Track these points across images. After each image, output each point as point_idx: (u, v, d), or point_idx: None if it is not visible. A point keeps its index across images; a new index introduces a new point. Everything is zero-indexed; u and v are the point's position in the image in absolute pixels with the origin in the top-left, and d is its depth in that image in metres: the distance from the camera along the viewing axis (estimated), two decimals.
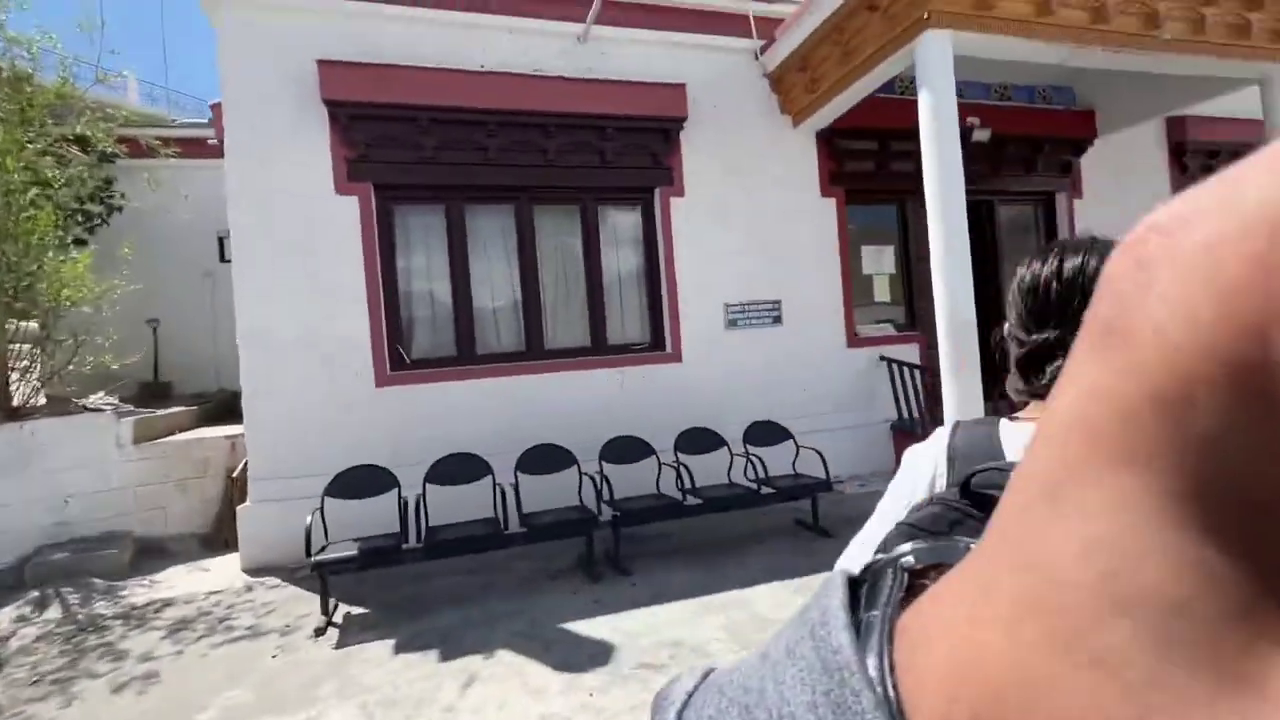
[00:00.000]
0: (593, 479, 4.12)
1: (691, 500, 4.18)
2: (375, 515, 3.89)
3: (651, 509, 3.97)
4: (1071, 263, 0.77)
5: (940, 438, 0.86)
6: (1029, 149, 6.79)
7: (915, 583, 0.22)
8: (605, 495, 4.07)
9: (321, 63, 4.52)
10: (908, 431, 5.74)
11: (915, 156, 6.49)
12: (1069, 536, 0.13)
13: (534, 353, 5.28)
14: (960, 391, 4.27)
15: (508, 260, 5.35)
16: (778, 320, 5.85)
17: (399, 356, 4.93)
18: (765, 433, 4.88)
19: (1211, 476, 0.12)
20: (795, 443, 4.85)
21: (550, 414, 5.08)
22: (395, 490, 3.88)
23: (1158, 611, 0.12)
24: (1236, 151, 7.00)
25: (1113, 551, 0.13)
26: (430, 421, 4.76)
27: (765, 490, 4.34)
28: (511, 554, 4.13)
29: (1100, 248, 0.78)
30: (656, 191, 5.56)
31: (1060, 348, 0.75)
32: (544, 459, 4.33)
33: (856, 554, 0.87)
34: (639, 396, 5.36)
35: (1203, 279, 0.12)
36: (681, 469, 4.33)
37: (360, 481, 3.88)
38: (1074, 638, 0.13)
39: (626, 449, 4.51)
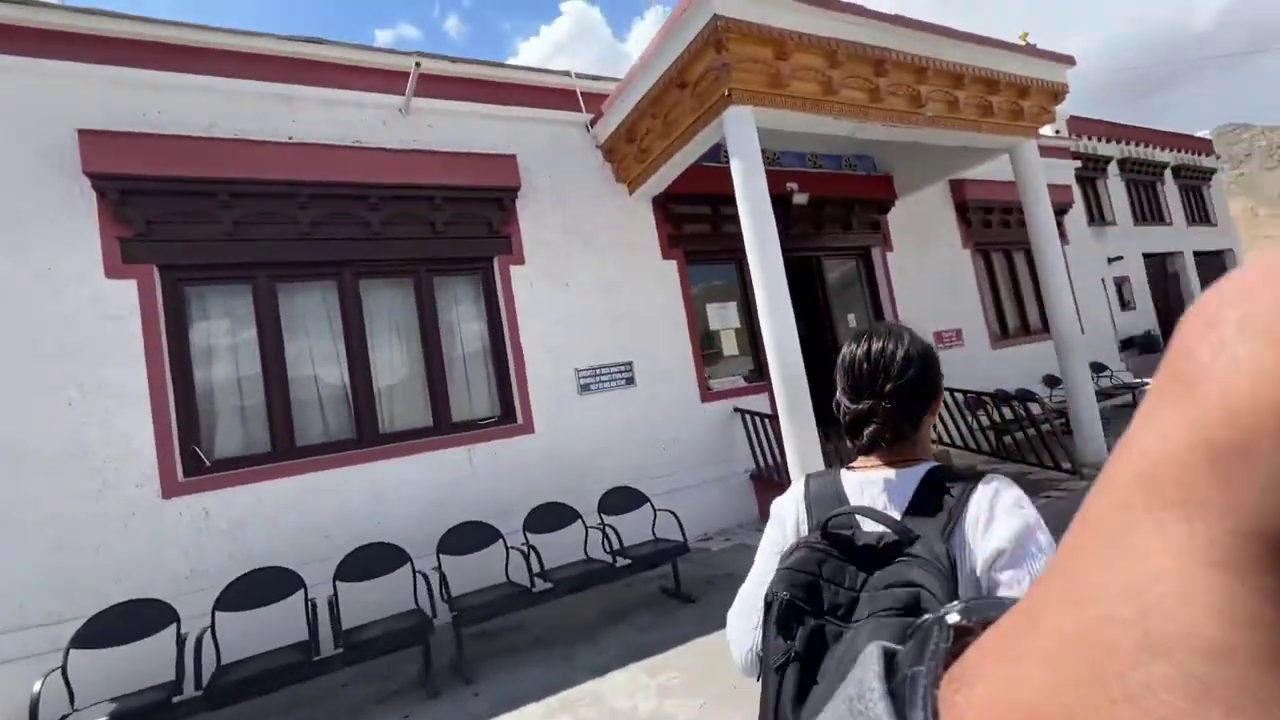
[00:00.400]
0: (425, 577, 3.69)
1: (542, 585, 3.86)
2: (150, 660, 3.17)
3: (497, 602, 3.61)
4: (876, 346, 0.92)
5: (797, 489, 0.98)
6: (843, 209, 7.55)
7: (963, 639, 0.23)
8: (445, 593, 3.64)
9: (83, 133, 3.98)
10: (767, 479, 5.86)
11: None
12: (1116, 577, 0.14)
13: (366, 439, 4.79)
14: (798, 437, 4.41)
15: (332, 340, 4.89)
16: (630, 381, 5.82)
17: (197, 459, 4.24)
18: (622, 499, 4.73)
19: (1265, 528, 0.12)
20: (652, 506, 4.72)
21: (387, 506, 4.59)
22: (174, 626, 3.21)
23: (1195, 654, 0.12)
24: (1006, 208, 8.17)
25: (1156, 593, 0.13)
26: (235, 533, 4.08)
27: (622, 562, 4.13)
28: (338, 679, 3.55)
29: (897, 333, 0.93)
30: (495, 260, 5.43)
31: (873, 415, 0.89)
32: (372, 561, 3.84)
33: (741, 605, 0.93)
34: (490, 474, 5.02)
35: (1269, 343, 0.13)
36: (532, 551, 4.01)
37: (127, 622, 3.16)
38: (1111, 674, 0.13)
39: (469, 536, 4.13)
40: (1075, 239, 10.43)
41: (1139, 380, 9.85)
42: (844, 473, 0.96)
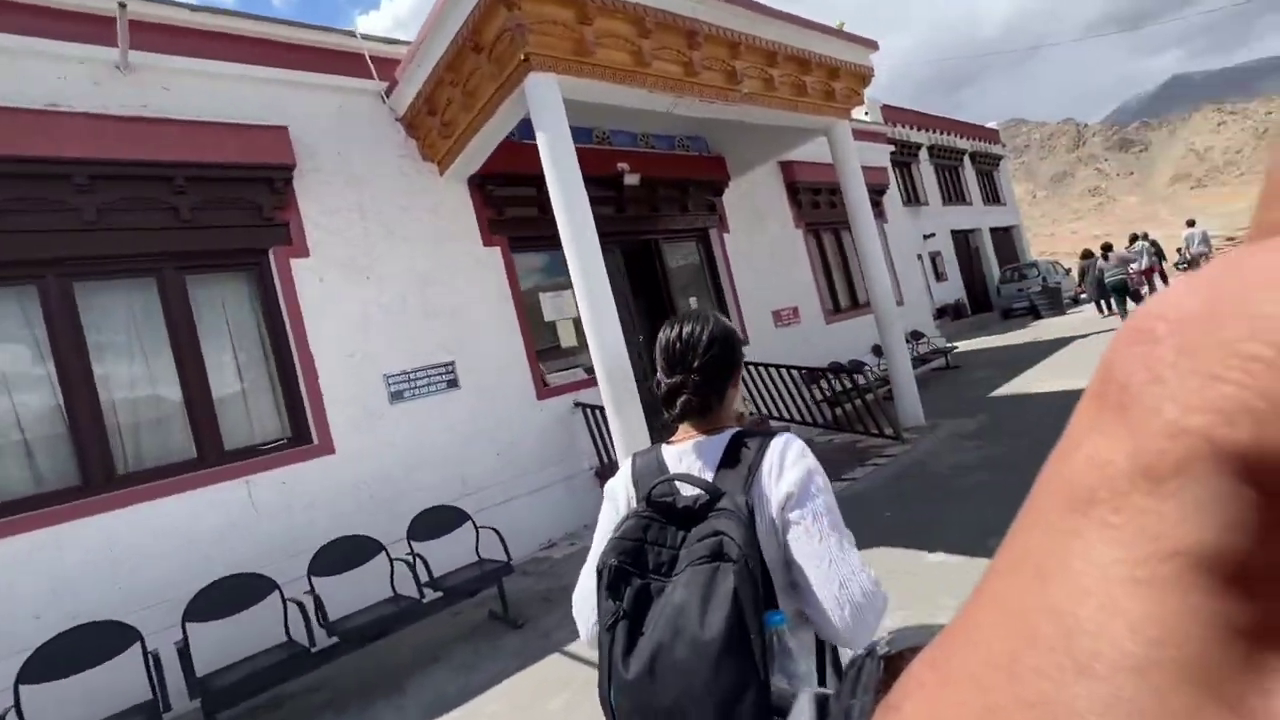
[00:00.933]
0: (155, 657, 2.90)
1: (327, 640, 3.23)
2: None
3: (259, 674, 2.93)
4: (686, 329, 1.04)
5: (625, 467, 1.09)
6: (679, 191, 7.42)
7: (896, 667, 0.24)
8: (187, 670, 2.89)
9: None
10: (613, 473, 5.57)
11: None
12: (1044, 598, 0.14)
13: (96, 483, 3.78)
14: (624, 426, 4.12)
15: (36, 360, 3.80)
16: (453, 384, 5.23)
17: None
18: (440, 520, 4.17)
19: (1191, 547, 0.13)
20: (474, 524, 4.22)
21: (129, 569, 3.66)
22: None
23: (1119, 672, 0.13)
24: (833, 189, 8.43)
25: (1082, 613, 0.13)
26: None
27: (432, 595, 3.60)
28: None
29: (704, 317, 1.06)
30: (271, 253, 4.55)
31: (684, 388, 1.01)
32: (90, 643, 2.97)
33: (581, 587, 1.01)
34: (277, 511, 4.21)
35: (1206, 371, 0.13)
36: (314, 600, 3.34)
37: None
38: (1038, 695, 0.13)
39: (235, 594, 3.37)
40: (893, 218, 11.30)
41: (950, 345, 10.92)
42: (664, 447, 1.05)
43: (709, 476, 0.96)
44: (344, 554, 3.77)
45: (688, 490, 0.93)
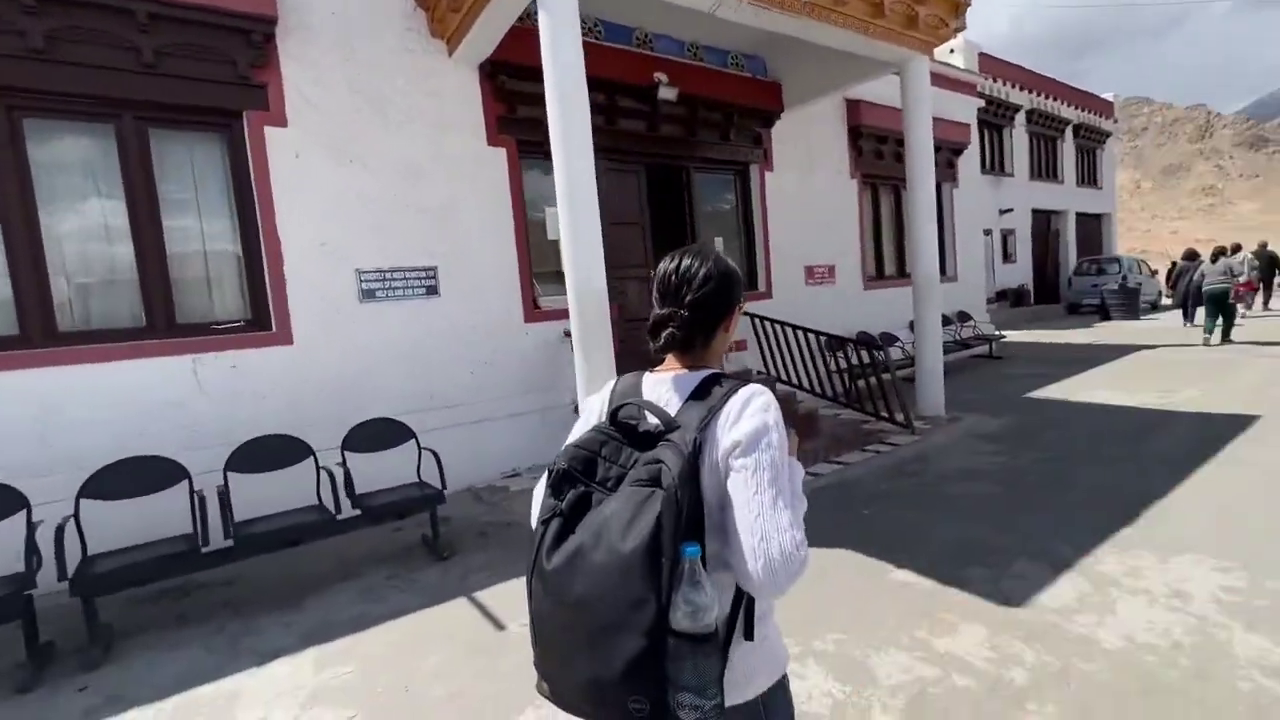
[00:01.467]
0: (56, 532, 2.74)
1: (224, 542, 3.03)
2: None
3: (142, 565, 2.75)
4: (685, 263, 1.03)
5: (608, 387, 1.11)
6: (722, 115, 6.63)
7: None
8: (82, 551, 2.73)
9: None
10: None
11: (604, 107, 5.97)
12: None
13: (33, 338, 3.61)
14: (590, 368, 3.71)
15: None
16: (433, 291, 4.86)
17: None
18: (379, 435, 3.89)
19: None
20: (418, 443, 3.94)
21: (60, 429, 3.52)
22: None
23: None
24: (902, 140, 7.49)
25: None
26: None
27: (349, 513, 3.36)
28: None
29: (704, 253, 1.05)
30: (245, 117, 4.14)
31: (671, 320, 1.01)
32: None
33: (543, 480, 0.99)
34: (224, 395, 4.01)
35: None
36: (220, 496, 3.13)
37: None
38: None
39: (140, 476, 3.19)
40: (967, 183, 10.14)
41: (998, 333, 10.00)
42: (646, 374, 1.07)
43: (674, 409, 0.98)
44: (273, 453, 3.55)
45: (652, 418, 0.95)
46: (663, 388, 1.03)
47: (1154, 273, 17.67)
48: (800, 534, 0.86)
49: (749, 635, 0.94)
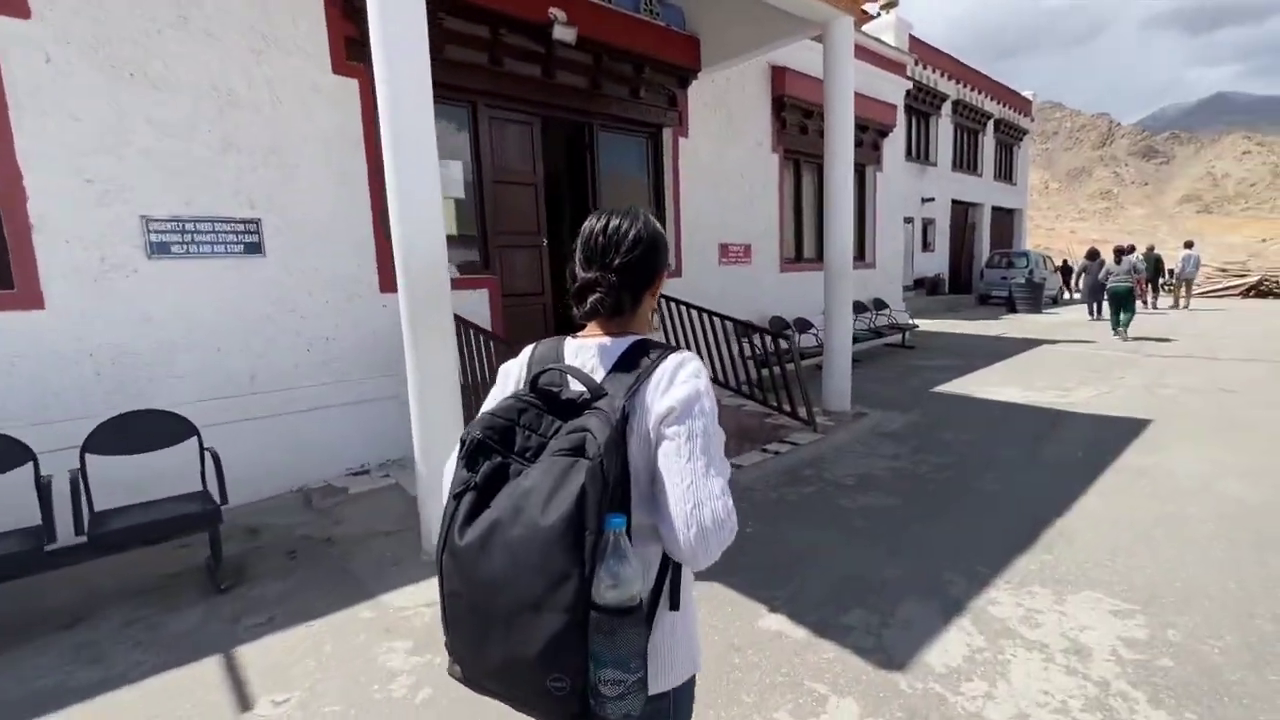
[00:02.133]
0: None
1: None
2: None
3: None
4: (613, 223, 0.97)
5: (525, 352, 1.05)
6: (632, 69, 5.91)
7: None
8: None
9: None
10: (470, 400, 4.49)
11: (487, 43, 5.09)
12: None
13: None
14: (421, 361, 3.00)
15: None
16: (254, 249, 3.95)
17: None
18: (143, 432, 3.02)
19: None
20: (200, 443, 3.10)
21: None
22: None
23: None
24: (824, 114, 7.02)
25: None
26: None
27: (76, 539, 2.53)
28: None
29: (634, 214, 0.99)
30: None
31: (597, 284, 0.95)
32: None
33: (455, 449, 0.91)
34: None
35: None
36: None
37: None
38: None
39: None
40: (892, 169, 9.90)
41: (912, 322, 9.93)
42: (567, 340, 1.02)
43: (600, 376, 0.93)
44: None
45: (576, 385, 0.92)
46: (586, 354, 0.99)
47: (1058, 269, 18.50)
48: (730, 501, 0.84)
49: (675, 604, 0.92)
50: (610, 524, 0.77)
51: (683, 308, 5.82)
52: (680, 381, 0.89)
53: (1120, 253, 10.44)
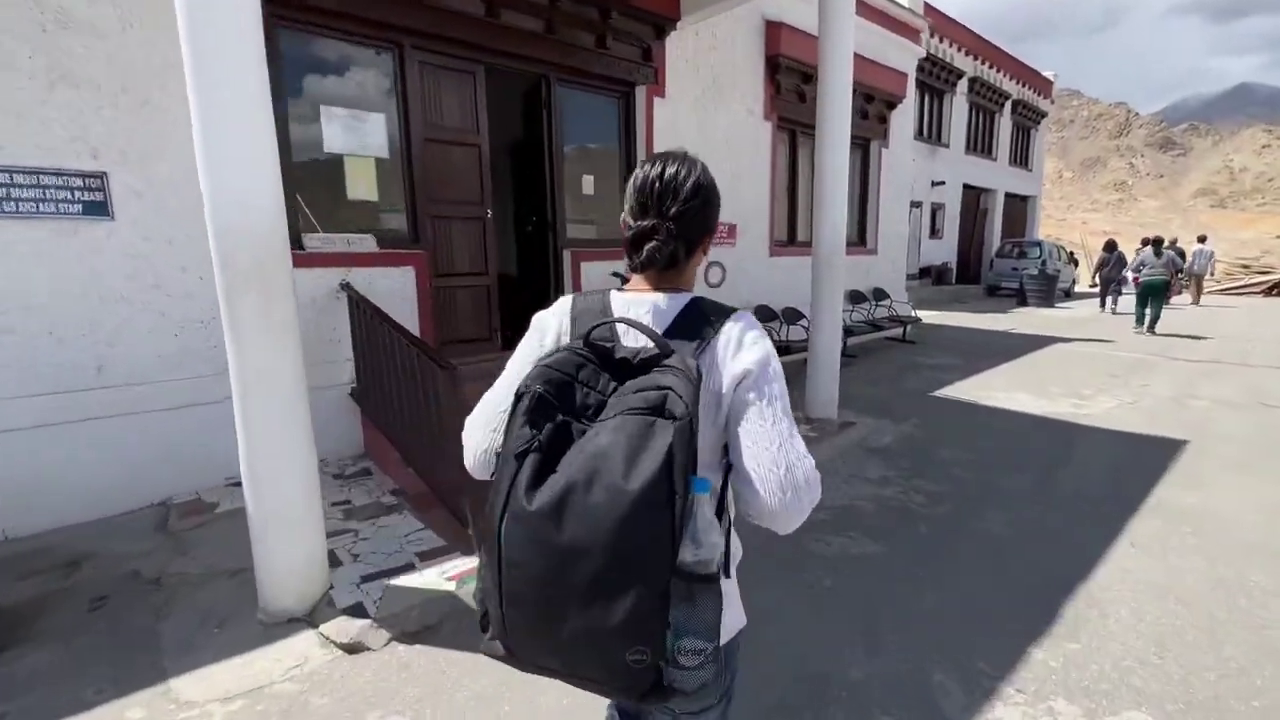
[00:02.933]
0: None
1: None
2: None
3: None
4: (670, 170, 0.92)
5: (564, 303, 0.99)
6: (596, 11, 5.07)
7: None
8: None
9: None
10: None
11: None
12: None
13: None
14: (243, 347, 2.26)
15: None
16: (98, 209, 3.20)
17: None
18: None
19: None
20: None
21: None
22: None
23: None
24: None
25: None
26: None
27: None
28: None
29: (690, 161, 0.94)
30: None
31: (654, 233, 0.90)
32: None
33: (485, 410, 0.95)
34: None
35: None
36: None
37: None
38: None
39: None
40: (899, 147, 9.02)
41: (914, 315, 9.14)
42: (613, 293, 0.98)
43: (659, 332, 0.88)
44: None
45: (629, 342, 0.89)
46: (639, 309, 0.93)
47: (1072, 260, 17.59)
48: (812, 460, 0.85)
49: (727, 572, 0.86)
50: (696, 488, 0.76)
51: None
52: (750, 343, 0.88)
53: (1157, 244, 9.67)
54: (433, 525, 3.06)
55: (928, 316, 10.99)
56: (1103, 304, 12.87)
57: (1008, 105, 17.39)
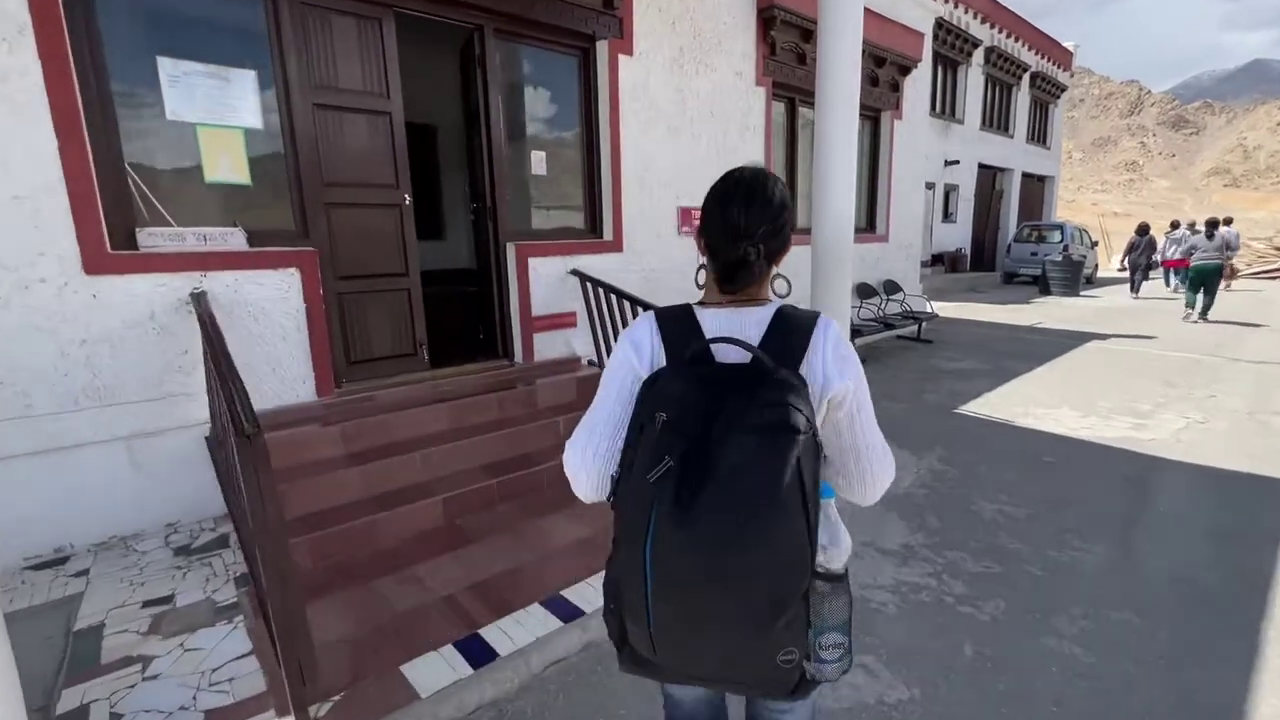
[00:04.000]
0: None
1: None
2: None
3: None
4: (757, 191, 0.97)
5: (649, 320, 1.01)
6: None
7: None
8: None
9: None
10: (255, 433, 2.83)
11: None
12: None
13: None
14: None
15: None
16: None
17: None
18: None
19: None
20: None
21: None
22: None
23: None
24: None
25: None
26: None
27: None
28: None
29: (767, 178, 0.99)
30: None
31: (750, 259, 0.94)
32: None
33: (591, 435, 0.97)
34: None
35: None
36: None
37: None
38: None
39: None
40: (913, 122, 7.95)
41: (931, 311, 8.12)
42: (696, 308, 1.00)
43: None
44: None
45: (727, 357, 0.91)
46: (729, 322, 0.95)
47: (1094, 243, 16.46)
48: None
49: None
50: (824, 493, 0.84)
51: (611, 296, 4.09)
52: (845, 350, 0.93)
53: (1211, 225, 8.71)
54: (262, 649, 2.13)
55: (943, 309, 9.98)
56: (1133, 288, 12.02)
57: (1026, 78, 16.19)
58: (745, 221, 0.93)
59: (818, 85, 3.70)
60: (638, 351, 0.97)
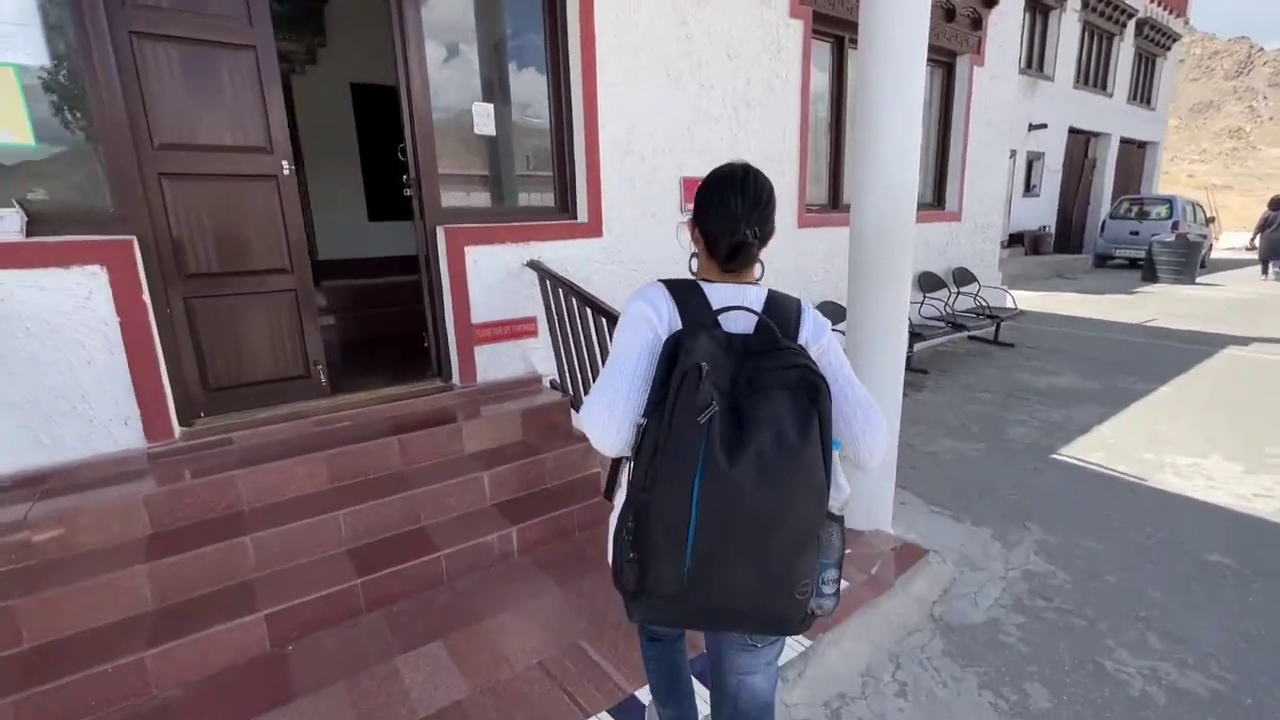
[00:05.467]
0: None
1: None
2: None
3: None
4: (750, 185, 1.08)
5: (659, 288, 1.09)
6: None
7: None
8: None
9: None
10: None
11: None
12: None
13: None
14: None
15: None
16: None
17: None
18: None
19: None
20: None
21: None
22: None
23: None
24: None
25: None
26: None
27: None
28: None
29: (753, 170, 1.10)
30: None
31: (747, 242, 1.07)
32: None
33: (618, 387, 1.01)
34: None
35: None
36: None
37: None
38: None
39: None
40: (996, 76, 6.36)
41: (1014, 308, 6.58)
42: (702, 283, 1.10)
43: (754, 318, 1.05)
44: None
45: (736, 325, 1.03)
46: (734, 297, 1.07)
47: (1211, 219, 14.05)
48: None
49: None
50: (835, 445, 0.98)
51: (571, 299, 2.98)
52: (822, 322, 1.09)
53: None
54: None
55: (1024, 299, 8.36)
56: (1265, 271, 10.48)
57: (1131, 26, 13.79)
58: (744, 209, 1.05)
59: (863, 17, 2.43)
60: (655, 310, 1.05)
